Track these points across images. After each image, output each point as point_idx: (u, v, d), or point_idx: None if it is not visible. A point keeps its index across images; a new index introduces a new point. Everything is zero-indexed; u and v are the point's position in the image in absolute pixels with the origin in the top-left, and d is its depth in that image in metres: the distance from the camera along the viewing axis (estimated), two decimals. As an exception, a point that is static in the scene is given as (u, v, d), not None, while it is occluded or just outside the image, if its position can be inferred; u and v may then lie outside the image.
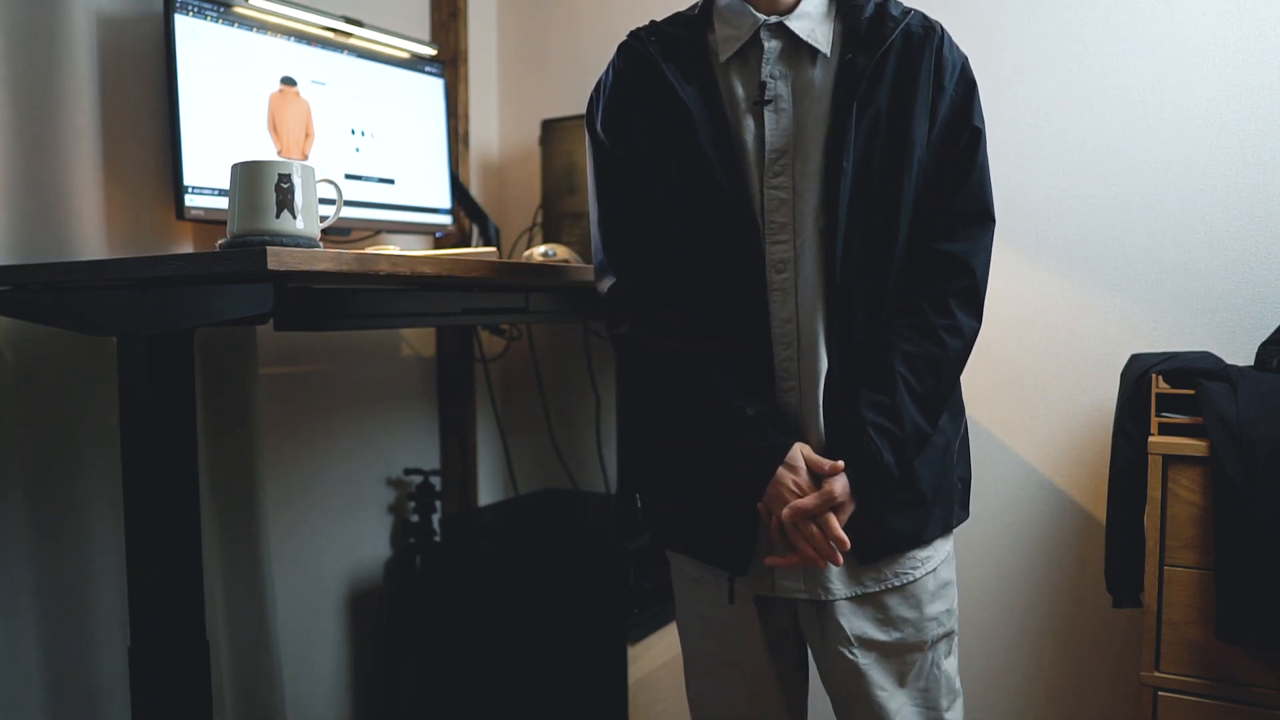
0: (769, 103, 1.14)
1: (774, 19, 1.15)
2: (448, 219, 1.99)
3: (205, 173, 1.51)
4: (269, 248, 0.97)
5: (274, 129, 1.62)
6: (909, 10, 1.16)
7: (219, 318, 1.08)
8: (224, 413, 1.60)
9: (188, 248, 1.65)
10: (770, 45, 1.15)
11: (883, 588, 1.16)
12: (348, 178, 1.75)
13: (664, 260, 1.18)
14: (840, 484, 1.09)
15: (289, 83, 1.65)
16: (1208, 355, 1.54)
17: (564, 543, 1.80)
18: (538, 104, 2.34)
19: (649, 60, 1.18)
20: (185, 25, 1.49)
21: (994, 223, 1.16)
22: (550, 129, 2.08)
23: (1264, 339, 1.56)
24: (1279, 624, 1.32)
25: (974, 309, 1.14)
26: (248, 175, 1.11)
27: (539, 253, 1.75)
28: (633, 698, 1.71)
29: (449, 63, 2.14)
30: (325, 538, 1.93)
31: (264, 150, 1.60)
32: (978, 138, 1.15)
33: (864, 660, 1.17)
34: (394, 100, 1.87)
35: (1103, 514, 1.63)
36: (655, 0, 1.66)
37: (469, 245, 2.13)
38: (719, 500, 1.18)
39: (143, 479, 1.19)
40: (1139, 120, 1.72)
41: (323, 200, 1.20)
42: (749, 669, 1.25)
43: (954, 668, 1.23)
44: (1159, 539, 1.43)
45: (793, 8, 1.15)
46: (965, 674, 1.73)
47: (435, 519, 2.06)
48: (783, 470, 1.10)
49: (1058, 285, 1.79)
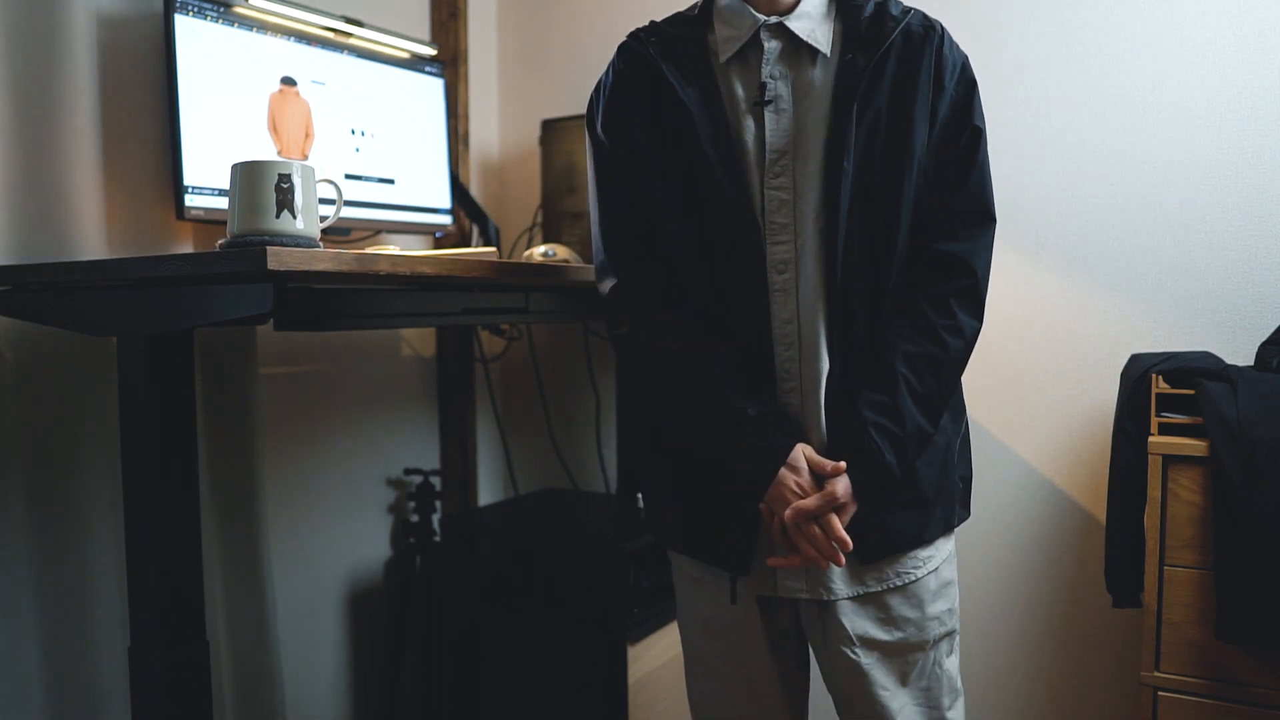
0: (769, 103, 1.14)
1: (774, 19, 1.15)
2: (448, 219, 1.99)
3: (205, 173, 1.51)
4: (269, 248, 0.97)
5: (274, 129, 1.62)
6: (909, 10, 1.16)
7: (219, 318, 1.08)
8: (224, 413, 1.60)
9: (188, 248, 1.65)
10: (770, 45, 1.15)
11: (885, 587, 1.16)
12: (348, 178, 1.75)
13: (664, 261, 1.18)
14: (842, 485, 1.09)
15: (289, 83, 1.65)
16: (1208, 355, 1.54)
17: (564, 543, 1.79)
18: (538, 104, 2.34)
19: (649, 61, 1.18)
20: (185, 25, 1.49)
21: (994, 222, 1.16)
22: (550, 129, 2.08)
23: (1264, 339, 1.56)
24: (1279, 624, 1.32)
25: (975, 309, 1.14)
26: (248, 175, 1.11)
27: (539, 253, 1.75)
28: (633, 698, 1.71)
29: (449, 63, 2.14)
30: (325, 538, 1.93)
31: (264, 150, 1.60)
32: (978, 137, 1.15)
33: (866, 660, 1.17)
34: (394, 100, 1.87)
35: (1103, 514, 1.63)
36: (655, 0, 1.66)
37: (469, 245, 2.13)
38: (720, 500, 1.18)
39: (143, 479, 1.19)
40: (1139, 120, 1.72)
41: (323, 200, 1.20)
42: (750, 669, 1.24)
43: (956, 667, 1.24)
44: (1159, 539, 1.43)
45: (792, 8, 1.15)
46: (965, 674, 1.73)
47: (435, 519, 2.06)
48: (785, 471, 1.10)
49: (1058, 285, 1.79)
